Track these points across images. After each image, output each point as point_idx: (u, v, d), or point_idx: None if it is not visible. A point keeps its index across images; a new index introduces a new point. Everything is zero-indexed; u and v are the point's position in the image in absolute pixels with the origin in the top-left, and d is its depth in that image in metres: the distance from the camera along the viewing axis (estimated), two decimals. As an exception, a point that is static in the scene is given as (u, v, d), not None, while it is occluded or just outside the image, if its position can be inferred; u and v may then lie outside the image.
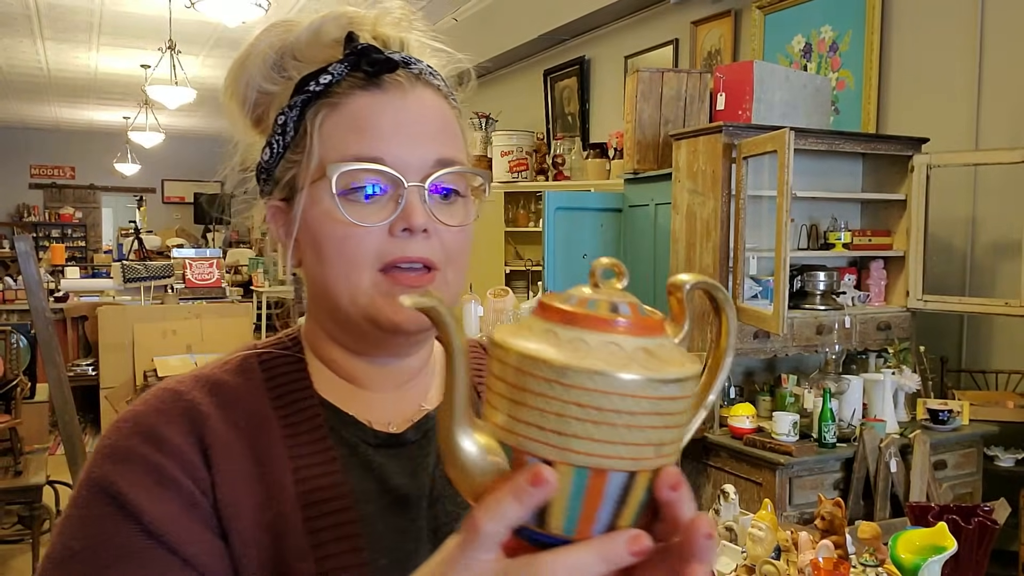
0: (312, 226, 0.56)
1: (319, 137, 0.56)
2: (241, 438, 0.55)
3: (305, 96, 0.56)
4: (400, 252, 0.55)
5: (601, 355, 0.35)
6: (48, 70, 8.24)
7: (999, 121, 2.89)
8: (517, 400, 0.35)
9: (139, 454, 0.52)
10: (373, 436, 0.59)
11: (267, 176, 0.60)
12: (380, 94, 0.56)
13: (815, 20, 3.61)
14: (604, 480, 0.35)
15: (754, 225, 2.59)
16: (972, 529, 1.45)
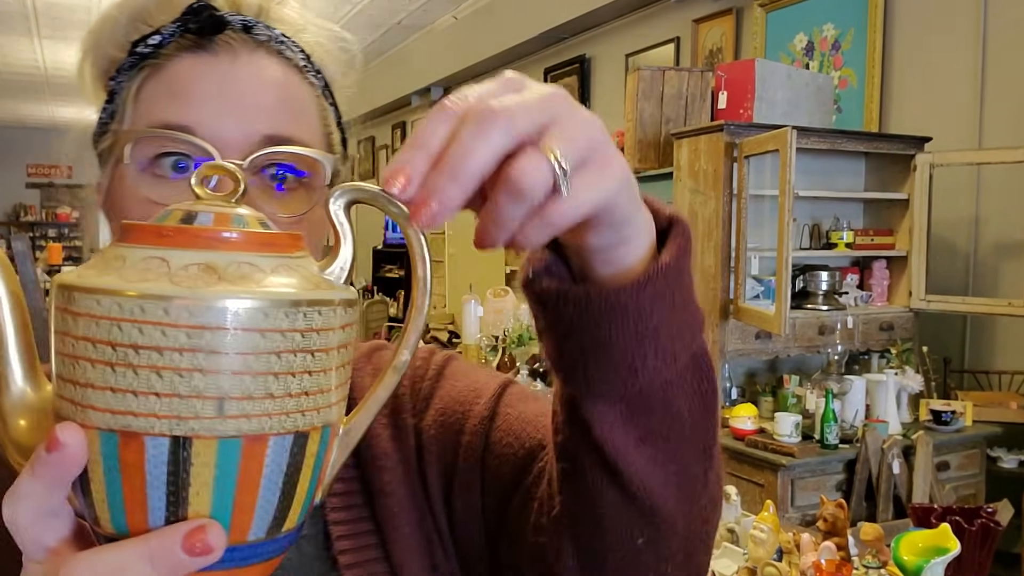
0: (115, 203, 0.50)
1: (134, 103, 0.50)
2: None
3: (133, 59, 0.50)
4: None
5: (129, 273, 0.26)
6: (45, 69, 8.23)
7: (1002, 120, 2.88)
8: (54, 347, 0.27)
9: None
10: None
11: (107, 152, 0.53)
12: (207, 57, 0.49)
13: (817, 18, 3.60)
14: (140, 449, 0.26)
15: (756, 225, 2.57)
16: (975, 531, 1.45)
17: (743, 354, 2.61)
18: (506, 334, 2.76)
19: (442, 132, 0.29)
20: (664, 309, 0.34)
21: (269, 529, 0.28)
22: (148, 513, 0.26)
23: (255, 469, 0.27)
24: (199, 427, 0.26)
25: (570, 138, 0.29)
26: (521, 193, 0.28)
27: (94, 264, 0.28)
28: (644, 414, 0.36)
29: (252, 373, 0.26)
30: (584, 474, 0.37)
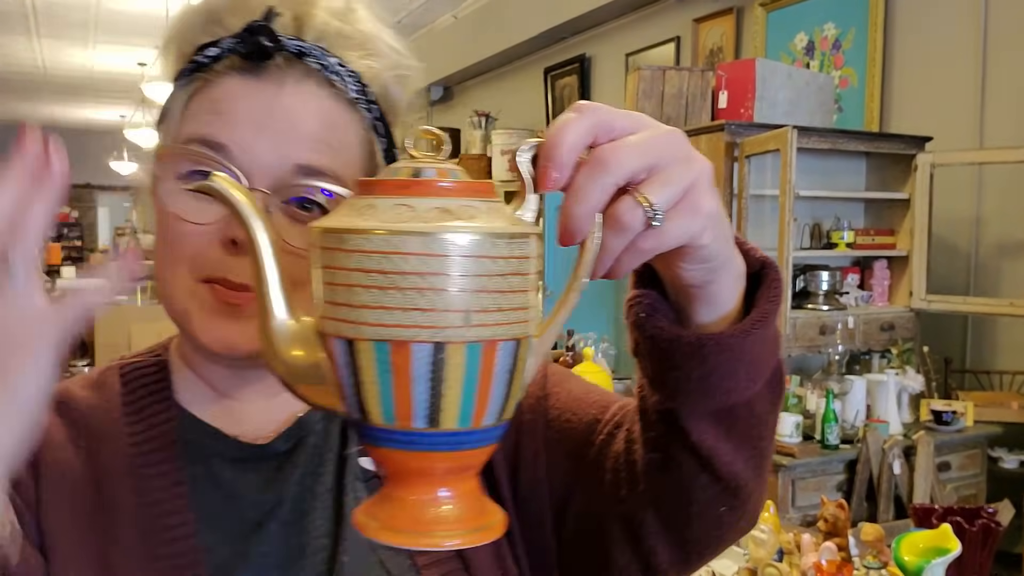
0: (159, 216, 0.51)
1: (182, 114, 0.51)
2: (81, 458, 0.50)
3: (191, 66, 0.51)
4: (221, 271, 0.48)
5: (385, 216, 0.32)
6: (44, 68, 8.22)
7: (1004, 119, 2.88)
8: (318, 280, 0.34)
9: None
10: (236, 448, 0.53)
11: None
12: (253, 81, 0.49)
13: (818, 18, 3.59)
14: (407, 354, 0.32)
15: (757, 224, 2.57)
16: (976, 531, 1.44)
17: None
18: (506, 334, 2.76)
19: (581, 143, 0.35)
20: (759, 344, 0.41)
21: (497, 417, 0.35)
22: (413, 406, 0.33)
23: (489, 368, 0.33)
24: (452, 335, 0.32)
25: (668, 182, 0.35)
26: (621, 230, 0.35)
27: (347, 213, 0.34)
28: (733, 419, 0.43)
29: (487, 291, 0.32)
30: (679, 466, 0.44)
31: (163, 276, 0.50)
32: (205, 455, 0.53)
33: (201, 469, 0.52)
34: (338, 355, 0.33)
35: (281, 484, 0.53)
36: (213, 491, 0.52)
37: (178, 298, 0.50)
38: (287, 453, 0.54)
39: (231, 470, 0.53)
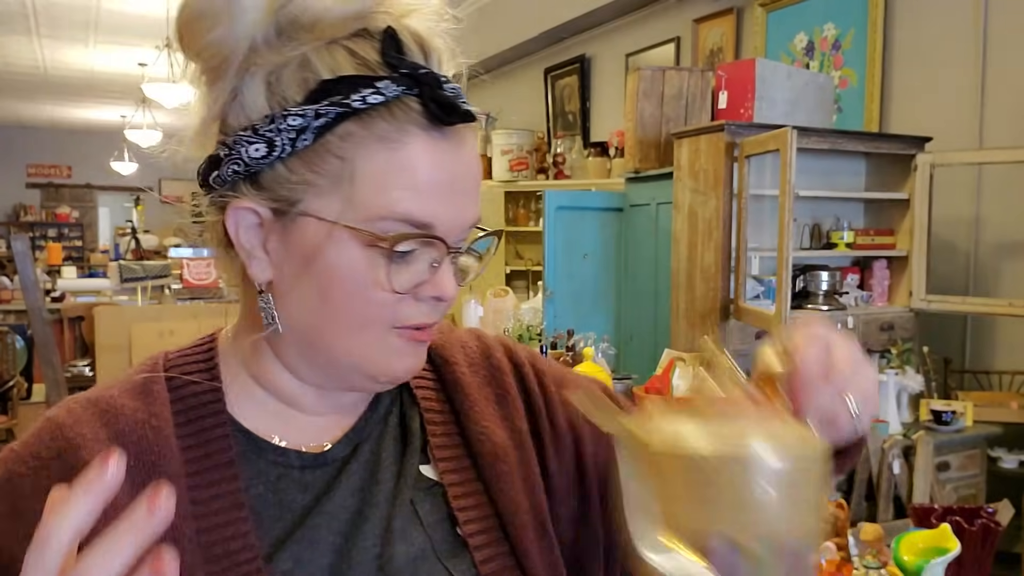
0: (325, 268, 0.47)
1: (363, 176, 0.46)
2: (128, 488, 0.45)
3: (341, 109, 0.46)
4: (421, 318, 0.50)
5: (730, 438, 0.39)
6: (45, 68, 8.22)
7: (1003, 120, 2.88)
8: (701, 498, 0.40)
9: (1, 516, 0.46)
10: (296, 458, 0.52)
11: (245, 173, 0.48)
12: (441, 141, 0.47)
13: (818, 18, 3.60)
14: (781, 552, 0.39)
15: (756, 224, 2.57)
16: (975, 531, 1.44)
17: (743, 354, 2.61)
18: (506, 333, 2.76)
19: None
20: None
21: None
22: None
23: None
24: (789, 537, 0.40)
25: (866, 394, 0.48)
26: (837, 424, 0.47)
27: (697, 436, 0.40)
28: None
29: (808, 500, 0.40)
30: None
31: (343, 332, 0.49)
32: (265, 471, 0.51)
33: (262, 487, 0.51)
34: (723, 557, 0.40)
35: (340, 495, 0.52)
36: (279, 510, 0.51)
37: (370, 348, 0.49)
38: (345, 461, 0.54)
39: (297, 485, 0.52)
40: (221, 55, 0.47)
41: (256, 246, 0.50)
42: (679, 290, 2.74)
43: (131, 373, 0.54)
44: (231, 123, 0.49)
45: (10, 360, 3.54)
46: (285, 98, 0.47)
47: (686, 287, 2.71)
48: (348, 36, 0.47)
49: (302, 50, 0.47)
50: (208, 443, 0.51)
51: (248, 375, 0.54)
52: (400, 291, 0.48)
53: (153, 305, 5.62)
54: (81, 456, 0.47)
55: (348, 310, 0.48)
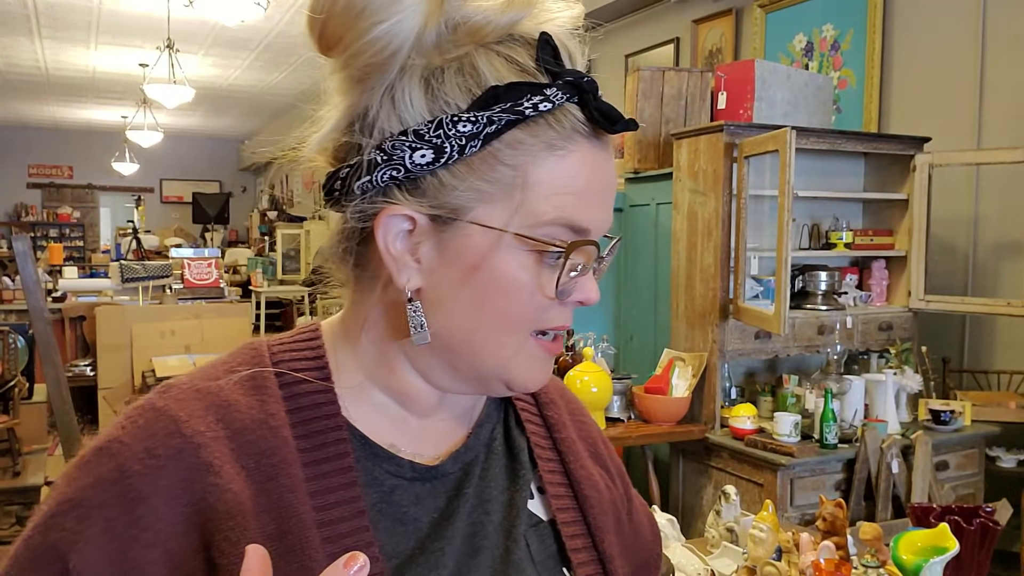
0: (490, 275, 0.47)
1: (534, 184, 0.46)
2: (253, 490, 0.45)
3: (513, 117, 0.45)
4: (562, 322, 0.50)
5: None
6: (46, 69, 8.23)
7: (1001, 120, 2.88)
8: None
9: (105, 518, 0.42)
10: (410, 469, 0.51)
11: (403, 179, 0.46)
12: (599, 150, 0.48)
13: (817, 19, 3.60)
14: None
15: (755, 225, 2.58)
16: (974, 530, 1.45)
17: (742, 354, 2.62)
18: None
19: None
20: None
21: None
22: None
23: None
24: None
25: None
26: None
27: None
28: None
29: None
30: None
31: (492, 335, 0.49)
32: (380, 478, 0.50)
33: (376, 495, 0.50)
34: None
35: (454, 514, 0.52)
36: (394, 520, 0.50)
37: (511, 352, 0.49)
38: (456, 480, 0.53)
39: (410, 496, 0.51)
40: (387, 50, 0.45)
41: (405, 253, 0.48)
42: (679, 290, 2.75)
43: (231, 363, 0.51)
44: (381, 126, 0.46)
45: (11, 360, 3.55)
46: (448, 102, 0.46)
47: (685, 287, 2.72)
48: (499, 40, 0.47)
49: (460, 53, 0.46)
50: (325, 446, 0.48)
51: (365, 377, 0.52)
52: (560, 297, 0.48)
53: (154, 305, 5.63)
54: (202, 457, 0.44)
55: (505, 316, 0.48)
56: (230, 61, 7.83)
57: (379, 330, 0.51)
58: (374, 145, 0.46)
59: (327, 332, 0.54)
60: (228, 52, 7.44)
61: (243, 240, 13.16)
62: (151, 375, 4.83)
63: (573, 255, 0.48)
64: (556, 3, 0.49)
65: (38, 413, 4.03)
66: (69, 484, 0.45)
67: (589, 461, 0.60)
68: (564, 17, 0.49)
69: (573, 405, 0.64)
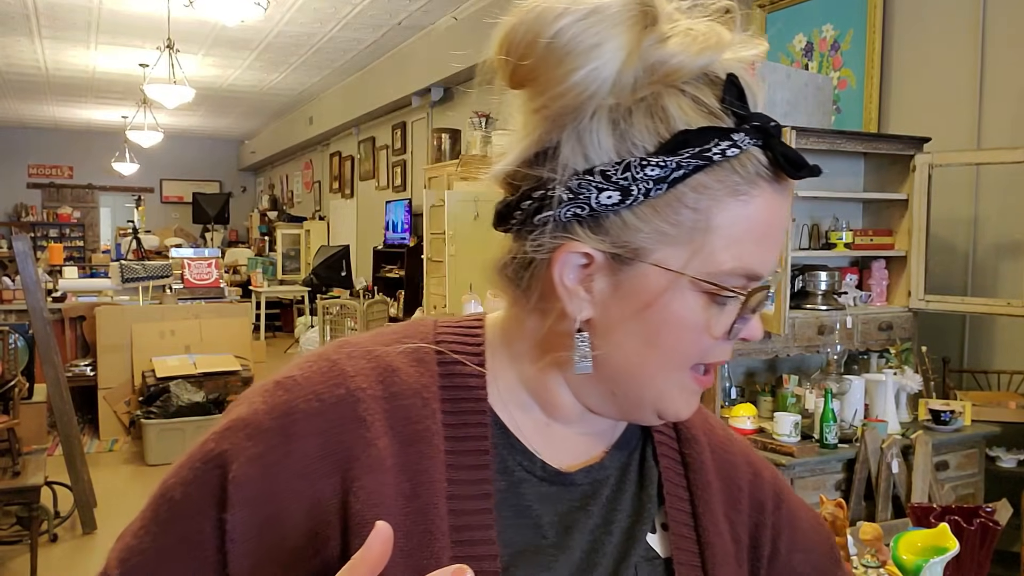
0: (662, 314, 0.48)
1: (716, 229, 0.46)
2: (396, 449, 0.48)
3: (702, 162, 0.45)
4: (723, 357, 0.51)
5: None
6: (46, 69, 8.23)
7: (1001, 120, 2.88)
8: None
9: (267, 441, 0.47)
10: (541, 468, 0.53)
11: (586, 217, 0.47)
12: (780, 195, 0.48)
13: (816, 19, 3.60)
14: None
15: (755, 225, 2.57)
16: (974, 530, 1.45)
17: (742, 354, 2.62)
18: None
19: None
20: None
21: None
22: None
23: None
24: None
25: None
26: None
27: None
28: None
29: None
30: None
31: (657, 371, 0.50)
32: (512, 469, 0.52)
33: (504, 484, 0.51)
34: None
35: (575, 525, 0.53)
36: (516, 511, 0.51)
37: (669, 385, 0.51)
38: (585, 493, 0.54)
39: (536, 494, 0.52)
40: (584, 95, 0.45)
41: (578, 285, 0.49)
42: (678, 290, 2.75)
43: (403, 333, 0.54)
44: (565, 161, 0.47)
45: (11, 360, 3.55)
46: (635, 144, 0.46)
47: (685, 287, 2.72)
48: (687, 80, 0.47)
49: (648, 93, 0.46)
50: (467, 426, 0.51)
51: (516, 375, 0.54)
52: (728, 337, 0.49)
53: (154, 305, 5.63)
54: (358, 411, 0.48)
55: (672, 352, 0.49)
56: (230, 61, 7.83)
57: (540, 353, 0.52)
58: (559, 181, 0.47)
59: (490, 327, 0.56)
60: (228, 52, 7.44)
61: (243, 240, 13.17)
62: (151, 375, 4.83)
63: (749, 300, 0.48)
64: (739, 37, 0.48)
65: (38, 413, 4.03)
66: (248, 405, 0.50)
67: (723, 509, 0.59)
68: (749, 56, 0.49)
69: (720, 445, 0.63)
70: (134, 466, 4.56)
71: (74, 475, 3.53)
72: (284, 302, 9.62)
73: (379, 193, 8.31)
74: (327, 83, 8.63)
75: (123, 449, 4.82)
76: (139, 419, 4.57)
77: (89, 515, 3.58)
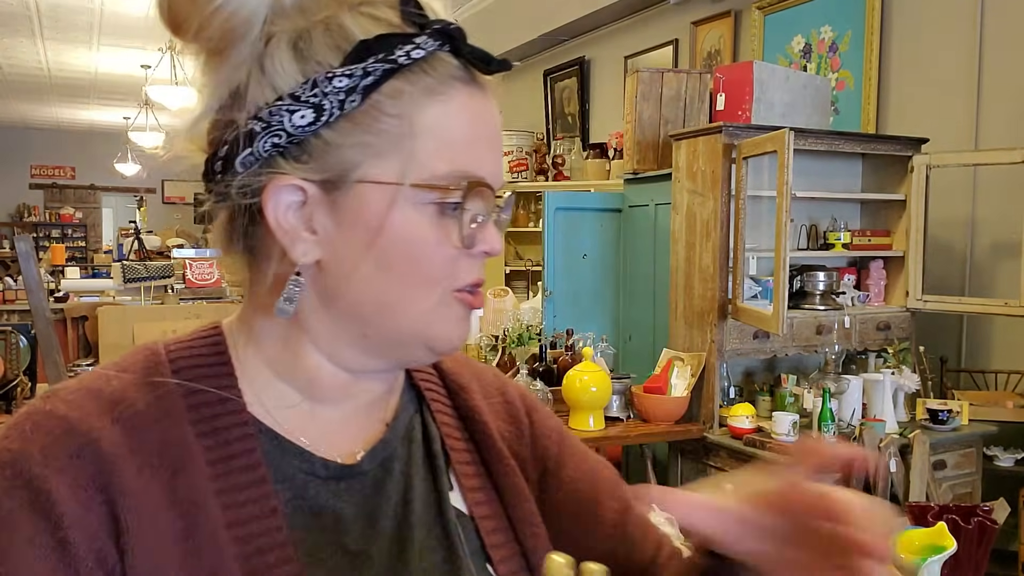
0: (392, 234, 0.46)
1: (422, 132, 0.45)
2: (157, 483, 0.43)
3: (388, 66, 0.44)
4: (476, 276, 0.49)
5: None
6: (48, 70, 8.25)
7: (999, 121, 2.89)
8: None
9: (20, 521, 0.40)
10: (323, 467, 0.49)
11: (286, 146, 0.45)
12: (478, 95, 0.48)
13: (815, 20, 3.61)
14: None
15: (754, 225, 2.59)
16: (972, 529, 1.45)
17: (741, 354, 2.63)
18: (506, 334, 2.78)
19: None
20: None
21: None
22: None
23: None
24: None
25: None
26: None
27: None
28: None
29: None
30: None
31: (406, 297, 0.47)
32: (294, 477, 0.48)
33: (292, 495, 0.48)
34: None
35: (377, 512, 0.50)
36: (311, 519, 0.48)
37: (428, 312, 0.48)
38: (376, 477, 0.51)
39: (325, 494, 0.49)
40: (240, 21, 0.45)
41: (299, 227, 0.46)
42: (677, 290, 2.76)
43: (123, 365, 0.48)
44: (254, 98, 0.45)
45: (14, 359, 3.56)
46: (319, 62, 0.45)
47: (684, 287, 2.73)
48: (361, 2, 0.46)
49: (324, 15, 0.45)
50: (230, 443, 0.46)
51: (268, 368, 0.50)
52: (465, 247, 0.47)
53: (156, 305, 5.65)
54: (104, 451, 0.42)
55: (416, 274, 0.47)
56: None
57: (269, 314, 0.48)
58: (250, 116, 0.45)
59: (228, 330, 0.52)
60: (229, 53, 7.45)
61: (244, 241, 13.17)
62: (153, 375, 4.84)
63: (472, 202, 0.47)
64: None
65: (40, 413, 4.04)
66: None
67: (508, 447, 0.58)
68: None
69: (489, 383, 0.62)
70: (136, 466, 4.57)
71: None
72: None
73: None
74: (328, 84, 8.63)
75: (125, 449, 4.82)
76: (141, 419, 4.57)
77: (91, 514, 3.59)
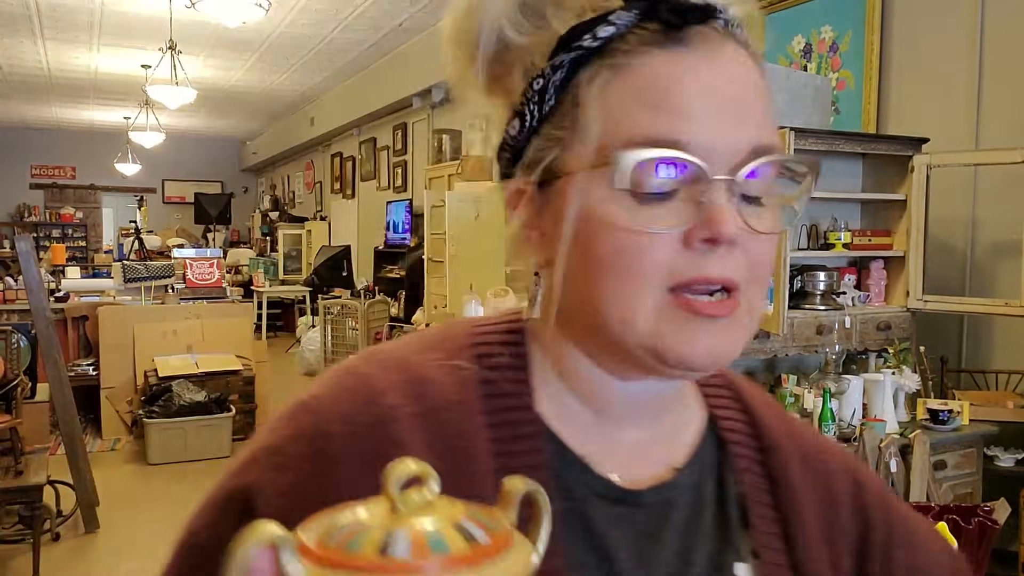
0: (582, 226, 0.43)
1: (598, 110, 0.42)
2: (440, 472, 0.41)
3: (576, 54, 0.42)
4: (698, 271, 0.41)
5: None
6: (48, 70, 8.25)
7: (999, 121, 2.89)
8: None
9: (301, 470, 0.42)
10: (608, 488, 0.46)
11: (512, 154, 0.46)
12: (684, 53, 0.41)
13: (815, 20, 3.61)
14: None
15: (754, 225, 2.58)
16: (972, 529, 1.46)
17: (741, 353, 2.61)
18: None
19: None
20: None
21: None
22: None
23: None
24: None
25: None
26: None
27: None
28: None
29: None
30: None
31: (613, 297, 0.42)
32: (572, 487, 0.45)
33: (568, 507, 0.44)
34: None
35: (652, 556, 0.46)
36: (583, 537, 0.45)
37: (644, 317, 0.42)
38: (657, 515, 0.47)
39: (604, 516, 0.45)
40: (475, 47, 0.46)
41: (529, 229, 0.46)
42: (677, 290, 2.76)
43: (434, 340, 0.49)
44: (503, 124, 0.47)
45: (14, 359, 3.57)
46: (535, 65, 0.45)
47: (684, 287, 2.73)
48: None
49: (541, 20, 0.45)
50: (519, 439, 0.45)
51: (552, 368, 0.48)
52: (653, 230, 0.41)
53: (156, 305, 5.65)
54: (393, 432, 0.43)
55: (611, 266, 0.42)
56: (232, 62, 7.85)
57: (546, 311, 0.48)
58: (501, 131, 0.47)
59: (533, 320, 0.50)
60: (230, 53, 7.46)
61: (245, 240, 13.19)
62: (153, 374, 4.85)
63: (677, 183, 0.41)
64: None
65: (40, 412, 4.04)
66: (271, 433, 0.45)
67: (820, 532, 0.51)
68: None
69: (808, 445, 0.54)
70: (136, 465, 4.57)
71: (76, 474, 3.55)
72: (285, 302, 9.64)
73: (380, 194, 8.33)
74: (328, 84, 8.65)
75: (125, 448, 4.83)
76: (141, 418, 4.59)
77: (91, 514, 3.60)
